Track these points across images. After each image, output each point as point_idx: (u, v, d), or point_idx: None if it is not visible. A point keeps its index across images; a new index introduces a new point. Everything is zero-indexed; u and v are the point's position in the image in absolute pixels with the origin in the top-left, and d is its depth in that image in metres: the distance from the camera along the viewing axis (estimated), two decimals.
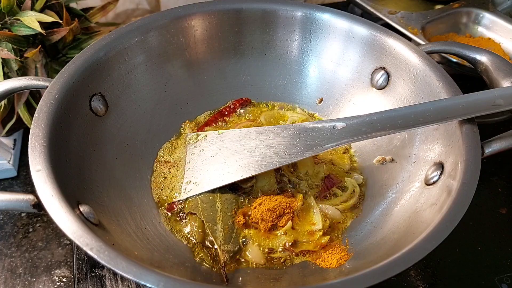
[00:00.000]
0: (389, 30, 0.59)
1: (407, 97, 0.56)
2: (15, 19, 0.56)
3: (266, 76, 0.66)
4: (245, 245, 0.50)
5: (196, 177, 0.55)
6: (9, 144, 0.64)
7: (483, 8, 0.80)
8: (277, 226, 0.51)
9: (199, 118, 0.64)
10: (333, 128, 0.51)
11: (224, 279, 0.46)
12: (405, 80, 0.57)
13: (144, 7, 0.87)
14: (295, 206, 0.52)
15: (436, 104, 0.48)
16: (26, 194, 0.40)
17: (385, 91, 0.59)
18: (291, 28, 0.63)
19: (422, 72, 0.54)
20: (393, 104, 0.58)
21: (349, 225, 0.53)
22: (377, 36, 0.59)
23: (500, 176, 0.66)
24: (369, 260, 0.44)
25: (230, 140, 0.55)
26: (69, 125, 0.48)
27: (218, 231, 0.50)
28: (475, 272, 0.55)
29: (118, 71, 0.55)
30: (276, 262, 0.50)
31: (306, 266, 0.49)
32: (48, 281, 0.53)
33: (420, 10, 0.80)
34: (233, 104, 0.65)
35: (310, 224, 0.52)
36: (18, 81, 0.48)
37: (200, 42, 0.62)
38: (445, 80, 0.52)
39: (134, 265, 0.35)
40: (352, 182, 0.57)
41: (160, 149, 0.60)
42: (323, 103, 0.65)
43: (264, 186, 0.54)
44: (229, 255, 0.49)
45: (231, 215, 0.52)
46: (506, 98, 0.47)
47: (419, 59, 0.55)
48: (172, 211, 0.53)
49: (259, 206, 0.51)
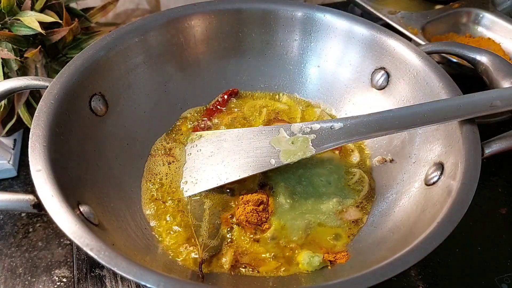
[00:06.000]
0: (389, 30, 0.59)
1: (407, 97, 0.56)
2: (15, 19, 0.56)
3: (266, 76, 0.66)
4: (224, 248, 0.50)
5: (194, 177, 0.55)
6: (9, 144, 0.64)
7: (483, 8, 0.80)
8: (262, 224, 0.51)
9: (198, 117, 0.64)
10: (330, 128, 0.51)
11: (200, 276, 0.46)
12: (405, 80, 0.57)
13: (144, 7, 0.87)
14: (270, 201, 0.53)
15: (433, 105, 0.48)
16: (26, 194, 0.40)
17: (385, 91, 0.59)
18: (291, 28, 0.63)
19: (422, 72, 0.54)
20: (393, 104, 0.58)
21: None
22: (377, 36, 0.59)
23: (500, 176, 0.66)
24: (369, 260, 0.44)
25: (227, 140, 0.55)
26: (69, 125, 0.48)
27: (203, 229, 0.50)
28: (475, 272, 0.55)
29: (118, 71, 0.55)
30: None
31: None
32: (48, 281, 0.53)
33: (420, 10, 0.80)
34: (221, 97, 0.65)
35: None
36: (18, 81, 0.48)
37: (200, 42, 0.62)
38: (445, 80, 0.52)
39: (134, 265, 0.35)
40: (359, 172, 0.57)
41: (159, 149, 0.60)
42: (323, 103, 0.65)
43: (249, 184, 0.54)
44: (208, 253, 0.49)
45: (218, 214, 0.52)
46: (503, 99, 0.47)
47: (419, 59, 0.55)
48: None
49: (244, 205, 0.52)
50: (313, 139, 0.52)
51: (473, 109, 0.47)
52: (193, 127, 0.62)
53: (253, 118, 0.64)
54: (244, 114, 0.64)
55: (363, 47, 0.60)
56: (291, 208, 0.52)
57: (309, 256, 0.48)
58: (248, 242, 0.50)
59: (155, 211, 0.53)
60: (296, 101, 0.66)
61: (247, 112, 0.64)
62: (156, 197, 0.54)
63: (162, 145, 0.60)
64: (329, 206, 0.53)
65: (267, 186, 0.55)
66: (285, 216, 0.52)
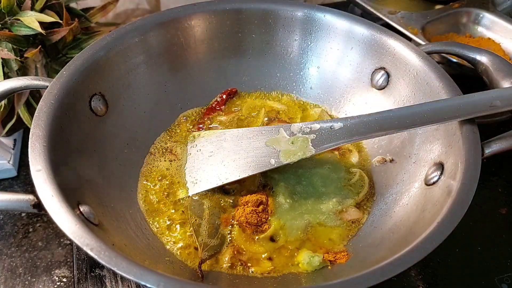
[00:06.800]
0: (389, 30, 0.59)
1: (407, 97, 0.56)
2: (15, 19, 0.56)
3: (266, 76, 0.66)
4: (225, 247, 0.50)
5: (193, 177, 0.55)
6: (9, 144, 0.64)
7: (483, 8, 0.80)
8: (261, 225, 0.51)
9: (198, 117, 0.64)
10: (330, 128, 0.51)
11: (199, 276, 0.46)
12: (405, 80, 0.57)
13: (144, 7, 0.87)
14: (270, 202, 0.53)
15: (433, 105, 0.48)
16: (26, 194, 0.40)
17: (385, 91, 0.59)
18: (291, 28, 0.63)
19: (422, 72, 0.54)
20: (393, 104, 0.58)
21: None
22: (377, 36, 0.59)
23: (500, 176, 0.66)
24: (369, 260, 0.44)
25: (227, 140, 0.55)
26: (69, 125, 0.48)
27: (202, 229, 0.50)
28: (475, 272, 0.55)
29: (118, 71, 0.55)
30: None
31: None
32: (48, 281, 0.53)
33: (420, 10, 0.80)
34: (220, 97, 0.65)
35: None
36: (18, 81, 0.48)
37: (200, 42, 0.62)
38: (445, 80, 0.52)
39: (134, 265, 0.35)
40: (359, 172, 0.57)
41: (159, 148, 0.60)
42: (323, 103, 0.65)
43: (249, 184, 0.54)
44: (208, 253, 0.49)
45: (217, 214, 0.52)
46: (503, 99, 0.47)
47: (419, 59, 0.55)
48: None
49: (244, 206, 0.52)
50: (313, 139, 0.52)
51: (473, 109, 0.47)
52: (193, 127, 0.62)
53: (252, 118, 0.64)
54: (243, 114, 0.64)
55: (363, 47, 0.60)
56: (291, 208, 0.52)
57: (309, 256, 0.48)
58: (247, 242, 0.50)
59: (155, 211, 0.53)
60: (296, 101, 0.66)
61: (246, 112, 0.64)
62: (156, 197, 0.54)
63: (162, 145, 0.60)
64: (329, 206, 0.53)
65: (267, 186, 0.55)
66: (285, 216, 0.52)
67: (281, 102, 0.66)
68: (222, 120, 0.63)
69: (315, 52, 0.64)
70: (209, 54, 0.63)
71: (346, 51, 0.62)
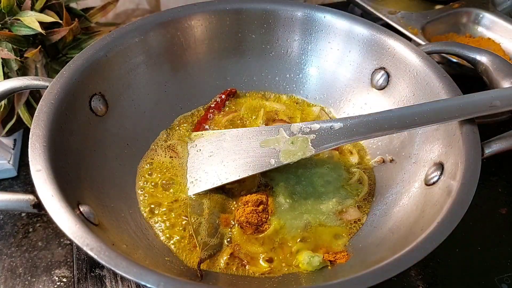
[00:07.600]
0: (389, 30, 0.59)
1: (407, 97, 0.56)
2: (15, 19, 0.56)
3: (266, 77, 0.66)
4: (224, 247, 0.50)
5: (193, 177, 0.55)
6: (9, 144, 0.64)
7: (483, 8, 0.80)
8: (262, 225, 0.51)
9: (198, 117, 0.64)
10: (330, 128, 0.51)
11: (199, 275, 0.46)
12: (405, 80, 0.57)
13: (144, 7, 0.87)
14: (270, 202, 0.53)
15: (433, 105, 0.48)
16: (26, 194, 0.40)
17: (385, 91, 0.59)
18: (291, 28, 0.63)
19: (422, 72, 0.54)
20: (393, 104, 0.58)
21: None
22: (377, 36, 0.59)
23: (500, 176, 0.66)
24: (369, 260, 0.44)
25: (227, 140, 0.55)
26: (69, 125, 0.48)
27: (202, 228, 0.50)
28: (475, 272, 0.55)
29: (118, 71, 0.55)
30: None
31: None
32: (48, 281, 0.53)
33: (420, 10, 0.80)
34: (220, 98, 0.65)
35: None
36: (18, 81, 0.48)
37: (200, 42, 0.62)
38: (445, 80, 0.52)
39: (134, 265, 0.35)
40: (358, 171, 0.57)
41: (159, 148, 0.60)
42: (323, 103, 0.65)
43: (248, 184, 0.54)
44: (207, 252, 0.49)
45: (217, 214, 0.52)
46: (503, 99, 0.47)
47: (419, 59, 0.55)
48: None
49: (244, 206, 0.52)
50: (312, 139, 0.52)
51: (473, 109, 0.47)
52: (192, 127, 0.62)
53: (252, 118, 0.64)
54: (242, 114, 0.64)
55: (363, 47, 0.60)
56: (291, 208, 0.52)
57: (309, 256, 0.48)
58: (247, 242, 0.50)
59: (155, 211, 0.53)
60: (296, 101, 0.66)
61: (245, 112, 0.64)
62: (156, 197, 0.54)
63: (161, 145, 0.60)
64: (328, 206, 0.53)
65: (267, 186, 0.55)
66: (285, 216, 0.52)
67: (280, 102, 0.66)
68: (222, 120, 0.63)
69: (315, 52, 0.64)
70: (209, 54, 0.63)
71: (346, 51, 0.62)
